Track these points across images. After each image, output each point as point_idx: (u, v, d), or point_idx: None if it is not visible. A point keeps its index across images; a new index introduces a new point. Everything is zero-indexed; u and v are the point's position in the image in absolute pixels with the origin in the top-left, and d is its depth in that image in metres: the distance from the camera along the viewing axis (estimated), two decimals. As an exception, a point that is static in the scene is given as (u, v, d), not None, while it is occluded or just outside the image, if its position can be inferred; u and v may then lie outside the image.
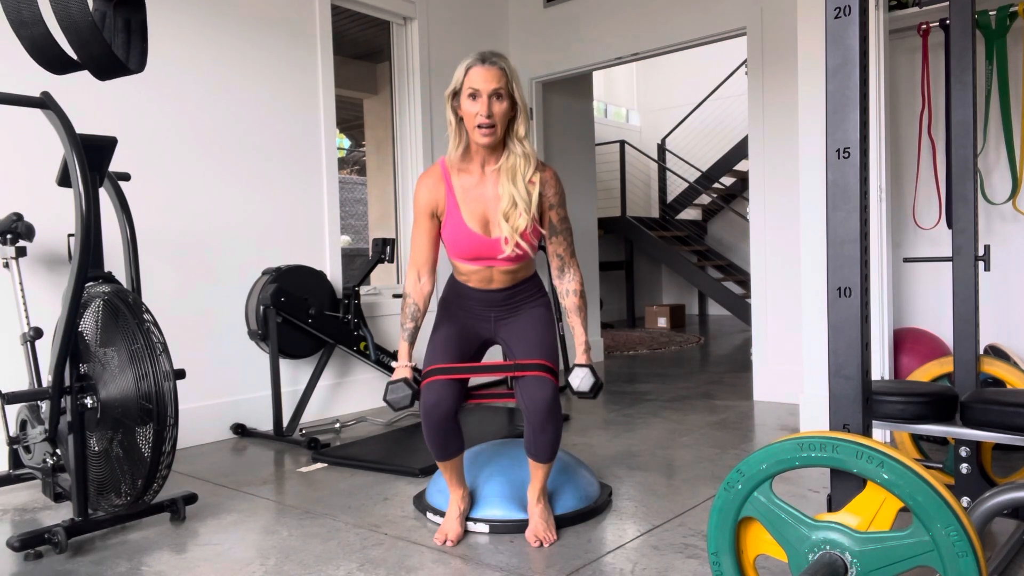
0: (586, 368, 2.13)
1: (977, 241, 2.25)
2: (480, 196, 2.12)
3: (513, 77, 2.05)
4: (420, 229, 2.17)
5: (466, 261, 2.16)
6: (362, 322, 3.81)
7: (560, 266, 2.21)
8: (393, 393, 2.12)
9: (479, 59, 2.02)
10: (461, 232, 2.11)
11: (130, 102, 3.28)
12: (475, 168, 2.12)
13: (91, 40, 1.63)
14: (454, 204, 2.12)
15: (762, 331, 4.11)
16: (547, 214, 2.16)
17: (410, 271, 2.19)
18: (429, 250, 2.18)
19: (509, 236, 2.07)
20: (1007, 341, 3.31)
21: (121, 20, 1.78)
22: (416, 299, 2.18)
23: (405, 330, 2.18)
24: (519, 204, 2.06)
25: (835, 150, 1.36)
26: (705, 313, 9.75)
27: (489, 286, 2.21)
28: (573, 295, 2.20)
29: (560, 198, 2.17)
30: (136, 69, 1.81)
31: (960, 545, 1.19)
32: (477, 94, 2.00)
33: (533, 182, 2.09)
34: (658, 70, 10.02)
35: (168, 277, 3.38)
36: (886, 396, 2.04)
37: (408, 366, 2.16)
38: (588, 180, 5.71)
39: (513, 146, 2.08)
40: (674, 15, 4.37)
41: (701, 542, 2.08)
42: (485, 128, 2.02)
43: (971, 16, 2.21)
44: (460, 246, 2.14)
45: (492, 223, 2.11)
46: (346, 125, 8.53)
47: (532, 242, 2.13)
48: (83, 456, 2.20)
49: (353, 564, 2.01)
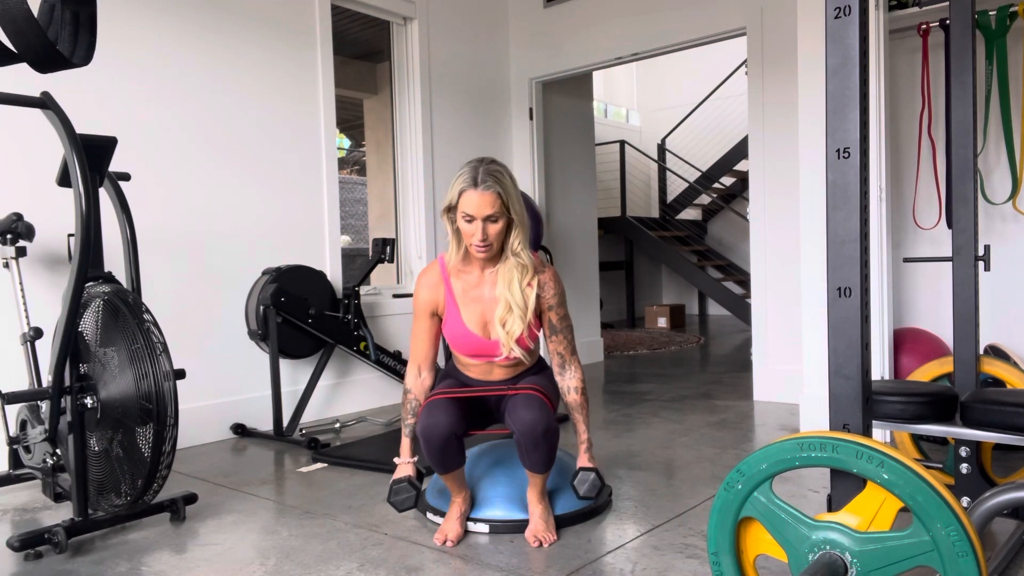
0: (591, 472, 2.15)
1: (977, 241, 2.25)
2: (479, 297, 2.15)
3: (508, 196, 2.04)
4: (420, 327, 2.20)
5: (467, 356, 2.20)
6: (362, 322, 3.81)
7: (561, 363, 2.22)
8: (396, 495, 2.13)
9: (472, 181, 2.01)
10: (461, 334, 2.15)
11: (130, 102, 3.28)
12: (474, 269, 2.15)
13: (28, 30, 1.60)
14: (454, 306, 2.15)
15: (762, 331, 4.11)
16: (546, 315, 2.18)
17: (410, 367, 2.22)
18: (429, 347, 2.21)
19: (504, 341, 2.10)
20: (1007, 341, 3.31)
21: (69, 13, 1.76)
22: (417, 394, 2.20)
23: (407, 425, 2.20)
24: (515, 310, 2.09)
25: (835, 150, 1.36)
26: (705, 313, 9.75)
27: (489, 377, 2.24)
28: (575, 392, 2.21)
29: (559, 298, 2.18)
30: (80, 63, 1.79)
31: (960, 545, 1.19)
32: (472, 219, 2.02)
33: (531, 285, 2.12)
34: (658, 70, 10.02)
35: (168, 277, 3.39)
36: (886, 396, 2.04)
37: (410, 463, 2.18)
38: (588, 180, 5.71)
39: (508, 256, 2.10)
40: (674, 15, 4.37)
41: (701, 542, 2.08)
42: (481, 248, 2.05)
43: (971, 16, 2.21)
44: (460, 345, 2.17)
45: (490, 325, 2.14)
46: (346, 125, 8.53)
47: (528, 345, 2.16)
48: (83, 456, 2.20)
49: (353, 564, 2.01)
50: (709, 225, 9.76)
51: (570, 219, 5.48)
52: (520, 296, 2.09)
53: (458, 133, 4.80)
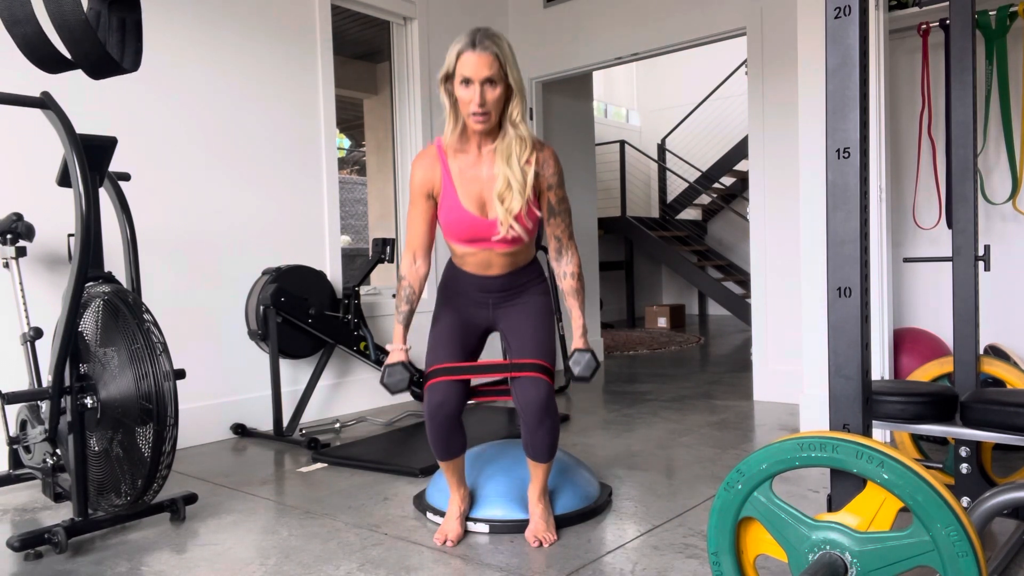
0: (587, 353, 2.11)
1: (977, 241, 2.25)
2: (476, 177, 2.08)
3: (506, 60, 1.99)
4: (416, 211, 2.14)
5: (463, 243, 2.13)
6: (362, 322, 3.81)
7: (558, 248, 2.18)
8: (390, 376, 2.10)
9: (470, 43, 1.96)
10: (457, 213, 2.08)
11: (130, 102, 3.28)
12: (471, 148, 2.09)
13: (84, 39, 1.62)
14: (450, 185, 2.09)
15: (762, 331, 4.11)
16: (545, 194, 2.12)
17: (406, 253, 2.17)
18: (425, 232, 2.15)
19: (503, 218, 2.04)
20: (1007, 341, 3.31)
21: (116, 19, 1.77)
22: (412, 281, 2.16)
23: (400, 313, 2.16)
24: (514, 185, 2.02)
25: (835, 150, 1.36)
26: (705, 313, 9.75)
27: (487, 271, 2.17)
28: (571, 278, 2.17)
29: (559, 178, 2.13)
30: (130, 68, 1.81)
31: (960, 545, 1.19)
32: (469, 82, 1.96)
33: (530, 162, 2.06)
34: (658, 70, 10.02)
35: (168, 277, 3.39)
36: (886, 396, 2.04)
37: (403, 349, 2.13)
38: (588, 180, 5.71)
39: (508, 128, 2.05)
40: (674, 15, 4.37)
41: (701, 542, 2.08)
42: (478, 116, 1.99)
43: (971, 16, 2.21)
44: (456, 228, 2.10)
45: (488, 204, 2.08)
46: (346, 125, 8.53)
47: (527, 225, 2.09)
48: (83, 456, 2.20)
49: (353, 564, 2.01)
50: (709, 225, 9.76)
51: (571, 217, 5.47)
52: (519, 172, 2.03)
53: (458, 133, 4.79)
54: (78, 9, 1.58)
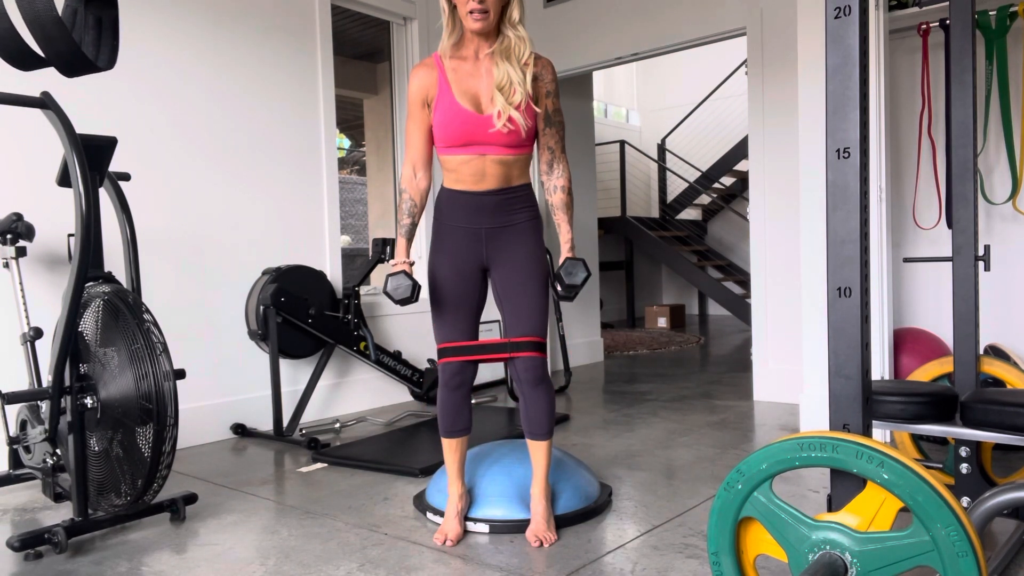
0: (578, 262, 2.11)
1: (977, 241, 2.25)
2: (473, 74, 2.08)
3: None
4: (414, 121, 2.13)
5: (457, 149, 2.08)
6: (362, 322, 3.81)
7: (550, 160, 2.17)
8: (394, 283, 2.07)
9: None
10: (452, 110, 2.06)
11: (130, 102, 3.28)
12: (469, 54, 2.09)
13: (57, 36, 1.61)
14: (446, 86, 2.07)
15: (762, 331, 4.11)
16: (543, 100, 2.13)
17: (405, 166, 2.16)
18: (424, 143, 2.14)
19: (502, 109, 2.02)
20: (1007, 341, 3.31)
21: (92, 17, 1.77)
22: (412, 194, 2.15)
23: (402, 226, 2.16)
24: (514, 78, 2.03)
25: (835, 150, 1.36)
26: (705, 313, 9.75)
27: (480, 185, 2.11)
28: (561, 191, 2.17)
29: (556, 87, 2.15)
30: (105, 67, 1.80)
31: (960, 545, 1.19)
32: None
33: (528, 64, 2.07)
34: (658, 70, 10.02)
35: (168, 277, 3.39)
36: (886, 396, 2.04)
37: (406, 262, 2.12)
38: (588, 180, 5.71)
39: (507, 31, 2.05)
40: (674, 15, 4.37)
41: (701, 542, 2.08)
42: (478, 13, 1.98)
43: (971, 16, 2.21)
44: (451, 128, 2.06)
45: (484, 102, 2.07)
46: (346, 125, 8.53)
47: (524, 122, 2.06)
48: (83, 456, 2.20)
49: (353, 564, 2.01)
50: (709, 225, 9.76)
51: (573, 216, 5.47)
52: (519, 71, 2.04)
53: (458, 133, 4.79)
54: (50, 7, 1.58)
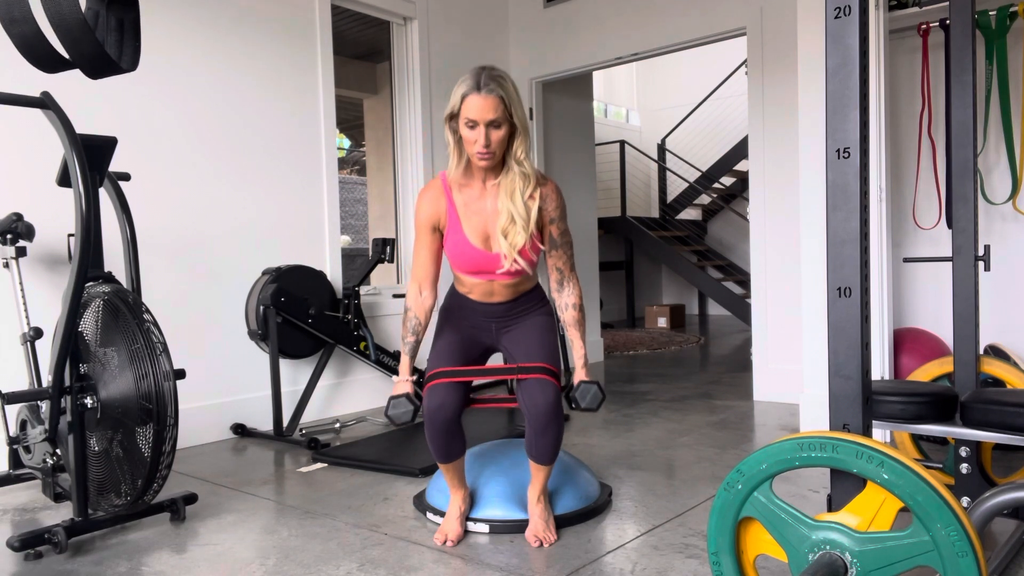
0: (592, 384, 2.14)
1: (977, 241, 2.25)
2: (480, 210, 2.12)
3: (511, 101, 2.02)
4: (422, 243, 2.18)
5: (467, 274, 2.17)
6: (362, 322, 3.81)
7: (559, 279, 2.21)
8: (395, 408, 2.11)
9: (475, 86, 1.99)
10: (462, 247, 2.12)
11: (130, 102, 3.28)
12: (476, 183, 2.13)
13: (82, 38, 1.62)
14: (455, 218, 2.13)
15: (762, 331, 4.11)
16: (547, 228, 2.16)
17: (411, 284, 2.20)
18: (431, 264, 2.18)
19: (507, 253, 2.07)
20: (1007, 341, 3.31)
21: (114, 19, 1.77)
22: (417, 313, 2.18)
23: (406, 343, 2.18)
24: (517, 221, 2.06)
25: (835, 150, 1.36)
26: (705, 313, 9.75)
27: (491, 299, 2.21)
28: (572, 309, 2.20)
29: (561, 212, 2.17)
30: (128, 68, 1.81)
31: (960, 545, 1.19)
32: (474, 124, 1.99)
33: (533, 197, 2.09)
34: (658, 70, 10.02)
35: (168, 277, 3.39)
36: (886, 396, 2.04)
37: (409, 380, 2.16)
38: (588, 180, 5.71)
39: (512, 165, 2.08)
40: (674, 15, 4.37)
41: (701, 542, 2.08)
42: (483, 155, 2.02)
43: (971, 16, 2.21)
44: (462, 260, 2.14)
45: (492, 238, 2.11)
46: (346, 125, 8.53)
47: (531, 258, 2.13)
48: (83, 456, 2.20)
49: (353, 564, 2.01)
50: (709, 225, 9.76)
51: (570, 219, 5.44)
52: (523, 207, 2.06)
53: (458, 133, 4.79)
54: (76, 9, 1.58)
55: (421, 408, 2.10)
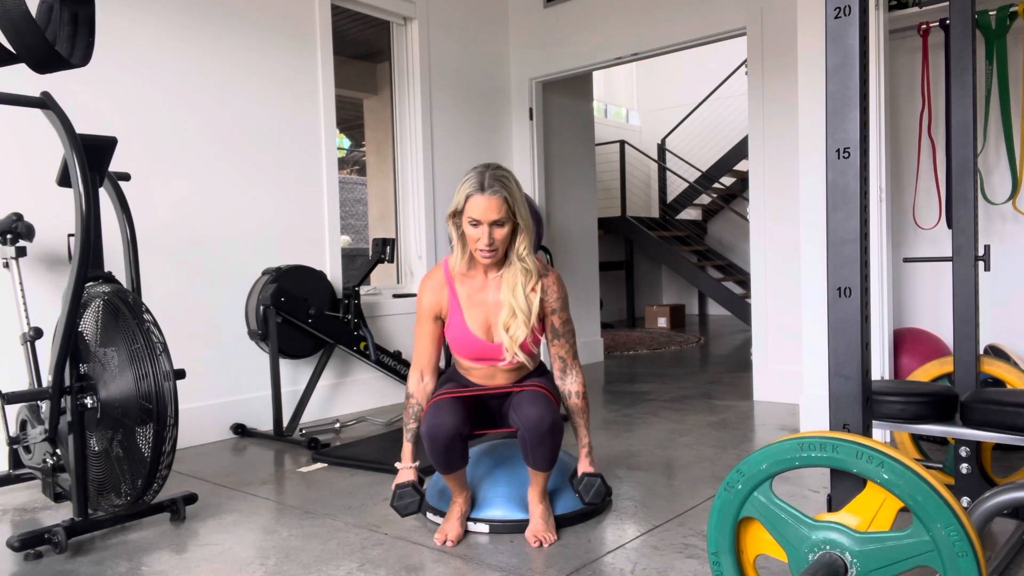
0: (596, 478, 2.17)
1: (977, 241, 2.25)
2: (482, 302, 2.15)
3: (515, 200, 2.04)
4: (423, 330, 2.20)
5: (469, 360, 2.20)
6: (362, 322, 3.81)
7: (562, 367, 2.22)
8: (400, 499, 2.14)
9: (479, 186, 2.01)
10: (464, 337, 2.15)
11: (130, 102, 3.28)
12: (478, 275, 2.16)
13: (26, 31, 1.60)
14: (457, 309, 2.15)
15: (762, 331, 4.11)
16: (548, 319, 2.18)
17: (413, 371, 2.22)
18: (432, 351, 2.21)
19: (508, 346, 2.10)
20: (1007, 341, 3.31)
21: (67, 13, 1.75)
22: (419, 399, 2.20)
23: (408, 430, 2.20)
24: (519, 315, 2.09)
25: (835, 150, 1.36)
26: (705, 313, 9.75)
27: (492, 382, 2.23)
28: (576, 397, 2.21)
29: (562, 303, 2.19)
30: (79, 63, 1.79)
31: (960, 545, 1.19)
32: (477, 223, 2.02)
33: (535, 290, 2.12)
34: (658, 70, 10.02)
35: (168, 277, 3.39)
36: (886, 396, 2.04)
37: (412, 467, 2.18)
38: (588, 180, 5.71)
39: (513, 260, 2.11)
40: (674, 15, 4.37)
41: (701, 542, 2.08)
42: (486, 252, 2.05)
43: (971, 16, 2.21)
44: (463, 349, 2.17)
45: (494, 329, 2.14)
46: (346, 125, 8.53)
47: (532, 351, 2.16)
48: (83, 456, 2.20)
49: (353, 564, 2.01)
50: (709, 225, 9.76)
51: (570, 219, 5.48)
52: (524, 301, 2.10)
53: (458, 133, 4.80)
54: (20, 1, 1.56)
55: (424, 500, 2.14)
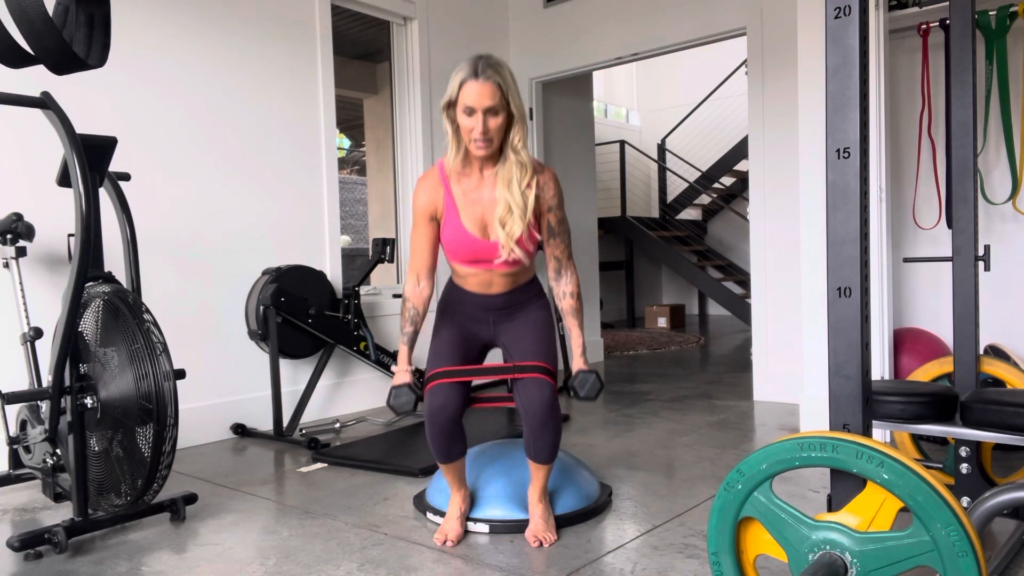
0: (591, 374, 2.13)
1: (977, 241, 2.25)
2: (478, 199, 2.12)
3: (508, 88, 2.02)
4: (419, 233, 2.17)
5: (465, 264, 2.17)
6: (362, 322, 3.81)
7: (557, 268, 2.21)
8: (396, 398, 2.12)
9: (473, 72, 1.98)
10: (459, 236, 2.12)
11: (130, 102, 3.28)
12: (473, 172, 2.12)
13: (45, 33, 1.60)
14: (452, 208, 2.12)
15: (762, 331, 4.11)
16: (544, 216, 2.16)
17: (409, 275, 2.19)
18: (428, 254, 2.18)
19: (504, 242, 2.07)
20: (1007, 341, 3.31)
21: (84, 15, 1.76)
22: (415, 303, 2.18)
23: (405, 334, 2.18)
24: (515, 210, 2.06)
25: (835, 150, 1.36)
26: (705, 313, 9.75)
27: (488, 290, 2.20)
28: (570, 297, 2.20)
29: (558, 200, 2.16)
30: (96, 64, 1.79)
31: (960, 545, 1.19)
32: (472, 111, 1.99)
33: (530, 186, 2.09)
34: (658, 70, 10.02)
35: (168, 277, 3.38)
36: (886, 396, 2.04)
37: (408, 370, 2.16)
38: (588, 180, 5.71)
39: (509, 154, 2.08)
40: (674, 15, 4.36)
41: (701, 542, 2.08)
42: (481, 141, 2.02)
43: (971, 16, 2.21)
44: (458, 249, 2.14)
45: (490, 227, 2.11)
46: (346, 125, 8.53)
47: (528, 248, 2.13)
48: (83, 456, 2.20)
49: (353, 564, 2.01)
50: (709, 225, 9.76)
51: (570, 219, 5.45)
52: (520, 197, 2.06)
53: (458, 133, 4.79)
54: (39, 3, 1.57)
55: (422, 397, 2.10)
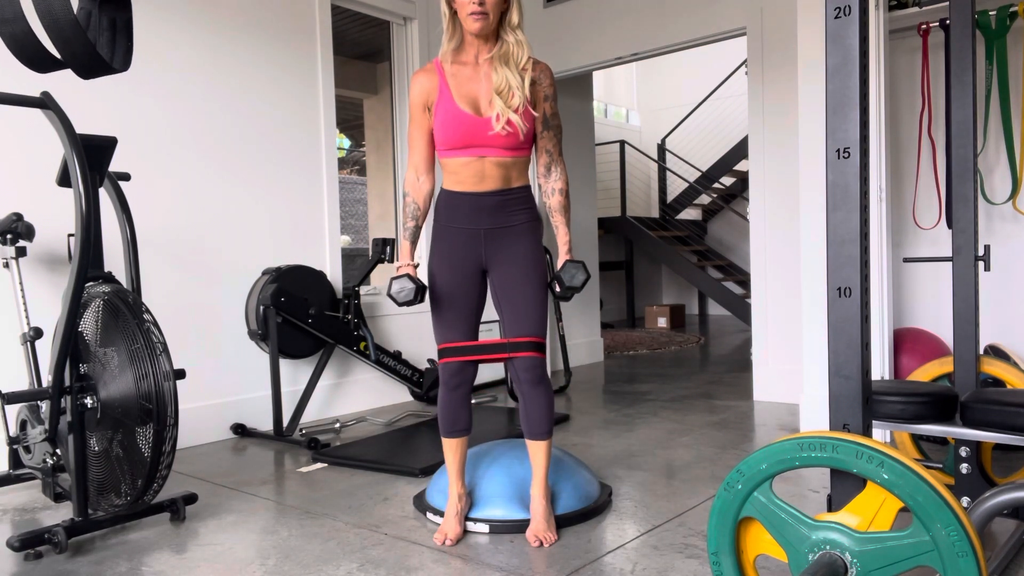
0: (578, 264, 2.13)
1: (977, 241, 2.25)
2: (473, 78, 2.12)
3: None
4: (416, 125, 2.17)
5: (457, 151, 2.11)
6: (362, 322, 3.81)
7: (547, 163, 2.21)
8: (397, 286, 2.10)
9: None
10: (451, 113, 2.09)
11: (130, 102, 3.28)
12: (469, 59, 2.13)
13: (73, 38, 1.62)
14: (446, 89, 2.11)
15: (762, 331, 4.11)
16: (540, 104, 2.16)
17: (409, 171, 2.20)
18: (426, 147, 2.18)
19: (501, 112, 2.06)
20: (1007, 341, 3.31)
21: (106, 19, 1.77)
22: (416, 198, 2.19)
23: (406, 229, 2.20)
24: (512, 83, 2.07)
25: (835, 150, 1.36)
26: (705, 313, 9.75)
27: (480, 186, 2.13)
28: (559, 194, 2.21)
29: (554, 92, 2.19)
30: (120, 68, 1.80)
31: (960, 545, 1.19)
32: None
33: (527, 69, 2.11)
34: (658, 70, 10.02)
35: (168, 277, 3.39)
36: (886, 396, 2.04)
37: (411, 264, 2.16)
38: (588, 180, 5.71)
39: (506, 35, 2.09)
40: (674, 15, 4.37)
41: (701, 542, 2.08)
42: (477, 15, 2.02)
43: (971, 16, 2.21)
44: (451, 130, 2.09)
45: (483, 105, 2.10)
46: (346, 125, 8.53)
47: (522, 126, 2.09)
48: (83, 456, 2.20)
49: (353, 564, 2.01)
50: (709, 225, 9.76)
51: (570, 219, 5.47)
52: (517, 75, 2.08)
53: (458, 133, 4.79)
54: (67, 8, 1.58)
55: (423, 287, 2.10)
